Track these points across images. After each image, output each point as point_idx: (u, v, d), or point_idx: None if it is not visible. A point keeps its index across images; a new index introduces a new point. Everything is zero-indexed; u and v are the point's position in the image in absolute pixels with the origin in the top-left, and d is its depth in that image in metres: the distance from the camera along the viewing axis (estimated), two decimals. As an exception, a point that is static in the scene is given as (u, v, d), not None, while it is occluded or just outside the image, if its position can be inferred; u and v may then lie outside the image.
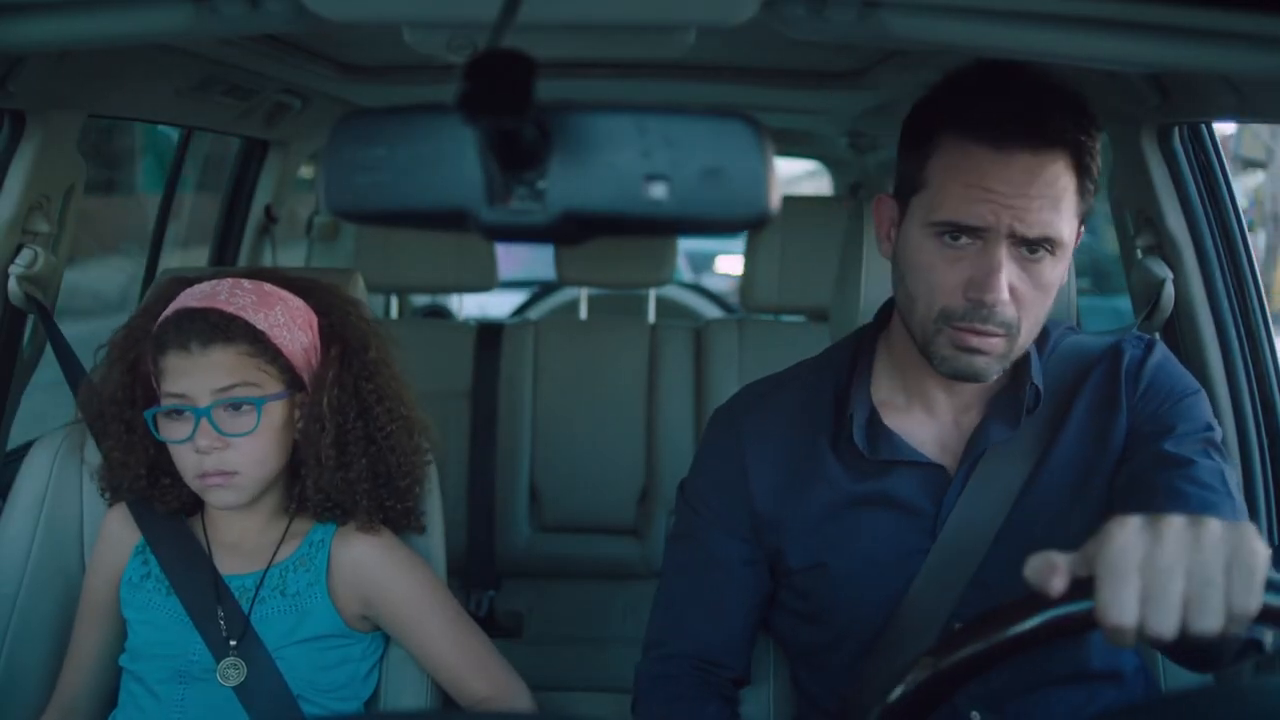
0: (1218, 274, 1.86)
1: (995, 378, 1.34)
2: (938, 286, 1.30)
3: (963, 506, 1.37)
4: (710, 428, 1.53)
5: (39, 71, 1.66)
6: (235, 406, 1.45)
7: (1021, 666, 0.96)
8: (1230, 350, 1.86)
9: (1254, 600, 0.88)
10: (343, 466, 1.50)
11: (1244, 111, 1.58)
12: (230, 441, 1.45)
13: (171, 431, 1.47)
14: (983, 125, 1.26)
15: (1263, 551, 0.90)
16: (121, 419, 1.52)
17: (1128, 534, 0.90)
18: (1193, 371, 1.48)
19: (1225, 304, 1.86)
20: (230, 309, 1.46)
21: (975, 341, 1.30)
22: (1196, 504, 1.25)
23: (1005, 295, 1.27)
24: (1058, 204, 1.26)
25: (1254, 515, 1.85)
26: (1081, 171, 1.28)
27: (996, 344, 1.30)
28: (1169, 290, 1.86)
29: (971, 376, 1.33)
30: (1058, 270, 1.30)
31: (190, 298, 1.49)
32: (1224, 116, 1.75)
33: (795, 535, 1.43)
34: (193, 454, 1.45)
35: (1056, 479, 1.37)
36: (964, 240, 1.28)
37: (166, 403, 1.47)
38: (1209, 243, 1.86)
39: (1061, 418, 1.39)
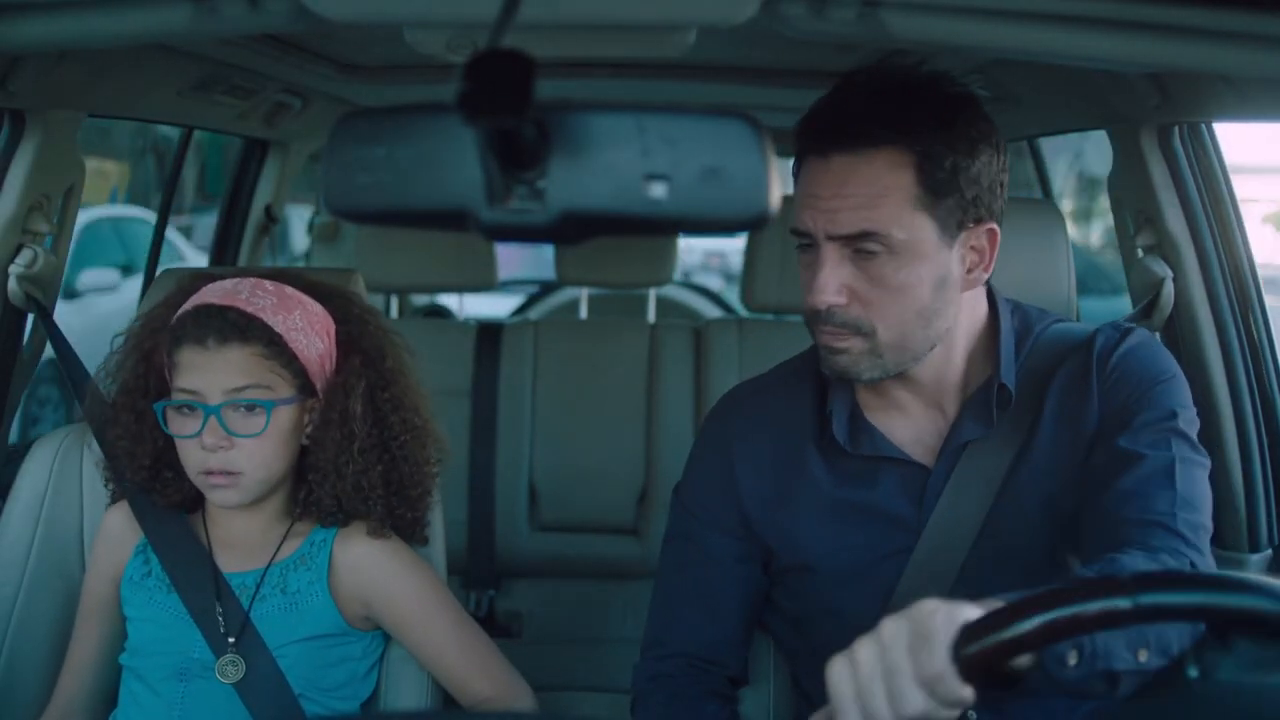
0: (1218, 274, 1.86)
1: (875, 376, 1.34)
2: (802, 291, 1.35)
3: (945, 505, 1.37)
4: (702, 430, 1.56)
5: (39, 71, 1.66)
6: (247, 407, 1.45)
7: None
8: (1230, 350, 1.86)
9: (939, 662, 0.91)
10: (357, 474, 1.50)
11: (1244, 111, 1.58)
12: (237, 441, 1.45)
13: (180, 426, 1.47)
14: (810, 134, 1.31)
15: (941, 612, 0.93)
16: (132, 408, 1.52)
17: (836, 671, 0.96)
18: (1192, 371, 1.47)
19: (1225, 304, 1.86)
20: (250, 309, 1.46)
21: (832, 341, 1.34)
22: (1138, 506, 1.26)
23: (828, 296, 1.30)
24: (878, 201, 1.27)
25: (1253, 515, 1.85)
26: (923, 165, 1.26)
27: (854, 343, 1.32)
28: (1168, 289, 1.86)
29: (841, 374, 1.36)
30: (906, 270, 1.29)
31: (211, 294, 1.49)
32: (1224, 116, 1.75)
33: (781, 536, 1.44)
34: (198, 450, 1.45)
35: (1037, 471, 1.37)
36: (809, 246, 1.32)
37: (178, 397, 1.47)
38: (1209, 242, 1.86)
39: (1036, 409, 1.38)
